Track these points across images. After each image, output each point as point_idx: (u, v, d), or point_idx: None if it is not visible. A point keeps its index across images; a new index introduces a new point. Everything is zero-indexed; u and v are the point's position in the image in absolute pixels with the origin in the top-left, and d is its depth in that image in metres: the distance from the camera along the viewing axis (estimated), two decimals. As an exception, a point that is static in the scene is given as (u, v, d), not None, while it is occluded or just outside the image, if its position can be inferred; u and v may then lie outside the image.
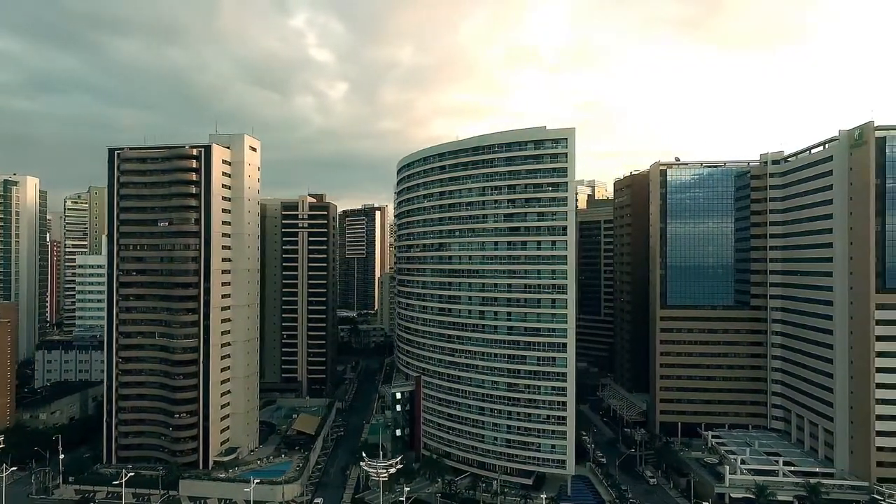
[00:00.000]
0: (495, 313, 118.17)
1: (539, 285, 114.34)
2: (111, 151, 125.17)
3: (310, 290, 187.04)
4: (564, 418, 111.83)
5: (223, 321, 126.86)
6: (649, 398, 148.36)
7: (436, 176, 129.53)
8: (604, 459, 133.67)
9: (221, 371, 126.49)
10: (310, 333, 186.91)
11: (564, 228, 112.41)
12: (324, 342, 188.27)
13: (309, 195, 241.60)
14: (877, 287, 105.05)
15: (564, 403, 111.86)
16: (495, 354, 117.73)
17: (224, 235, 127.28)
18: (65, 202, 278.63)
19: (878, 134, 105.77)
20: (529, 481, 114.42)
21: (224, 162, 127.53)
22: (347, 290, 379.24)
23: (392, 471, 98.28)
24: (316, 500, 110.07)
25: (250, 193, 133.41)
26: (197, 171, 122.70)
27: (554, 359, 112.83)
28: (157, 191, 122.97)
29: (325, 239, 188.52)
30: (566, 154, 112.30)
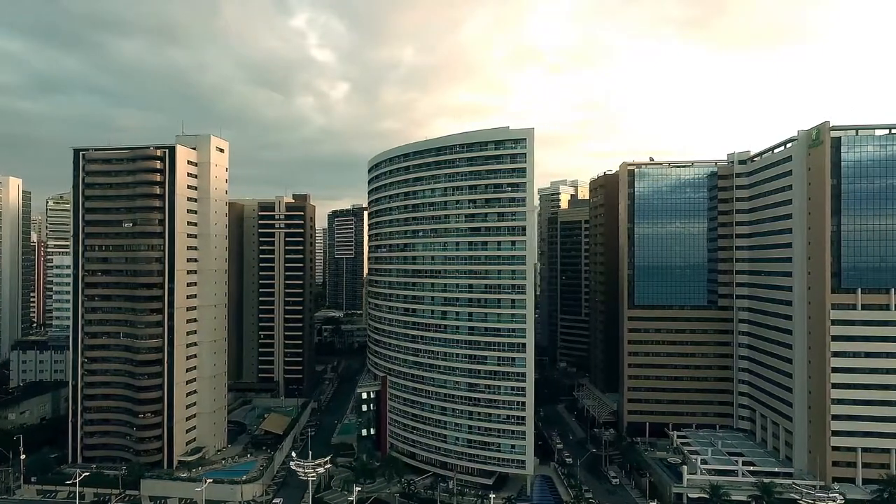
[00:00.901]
0: (457, 313, 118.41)
1: (499, 286, 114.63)
2: (76, 152, 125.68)
3: (287, 291, 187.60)
4: (524, 418, 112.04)
5: (189, 321, 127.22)
6: (619, 398, 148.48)
7: (401, 176, 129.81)
8: (570, 459, 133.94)
9: (187, 371, 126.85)
10: (287, 334, 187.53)
11: (524, 228, 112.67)
12: (300, 342, 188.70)
13: (293, 195, 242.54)
14: (832, 287, 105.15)
15: (524, 403, 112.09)
16: (457, 355, 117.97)
17: (190, 236, 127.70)
18: (47, 203, 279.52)
19: (834, 134, 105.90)
20: (490, 481, 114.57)
21: (190, 163, 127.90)
22: (336, 290, 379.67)
23: (320, 470, 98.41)
24: (275, 501, 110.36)
25: (217, 194, 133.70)
26: (161, 171, 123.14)
27: (513, 359, 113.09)
28: (122, 191, 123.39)
29: (302, 239, 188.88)
30: (525, 154, 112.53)
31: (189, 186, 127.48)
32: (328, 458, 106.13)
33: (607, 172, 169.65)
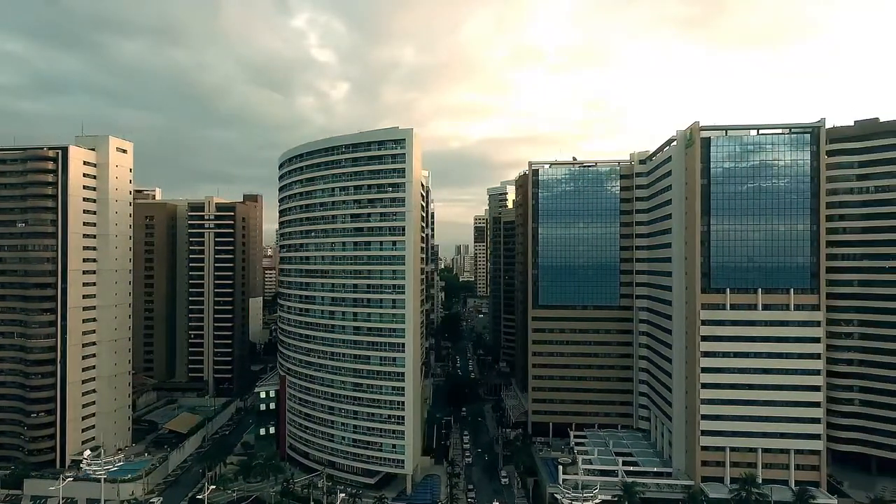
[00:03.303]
0: (343, 314, 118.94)
1: (381, 285, 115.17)
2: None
3: (216, 290, 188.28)
4: (403, 418, 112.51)
5: (86, 321, 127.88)
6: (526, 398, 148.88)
7: (298, 176, 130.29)
8: (469, 459, 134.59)
9: (84, 370, 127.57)
10: (216, 334, 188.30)
11: (403, 229, 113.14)
12: (230, 341, 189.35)
13: (244, 196, 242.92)
14: (702, 287, 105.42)
15: (403, 403, 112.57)
16: (343, 354, 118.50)
17: (87, 236, 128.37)
18: None
19: (704, 135, 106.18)
20: (372, 481, 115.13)
21: (87, 163, 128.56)
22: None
23: (113, 469, 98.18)
24: (152, 500, 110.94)
25: (118, 195, 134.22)
26: (53, 172, 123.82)
27: (394, 359, 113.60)
28: (14, 191, 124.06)
29: (233, 239, 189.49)
30: (404, 154, 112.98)
31: (86, 187, 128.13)
32: (121, 457, 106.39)
33: (524, 172, 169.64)
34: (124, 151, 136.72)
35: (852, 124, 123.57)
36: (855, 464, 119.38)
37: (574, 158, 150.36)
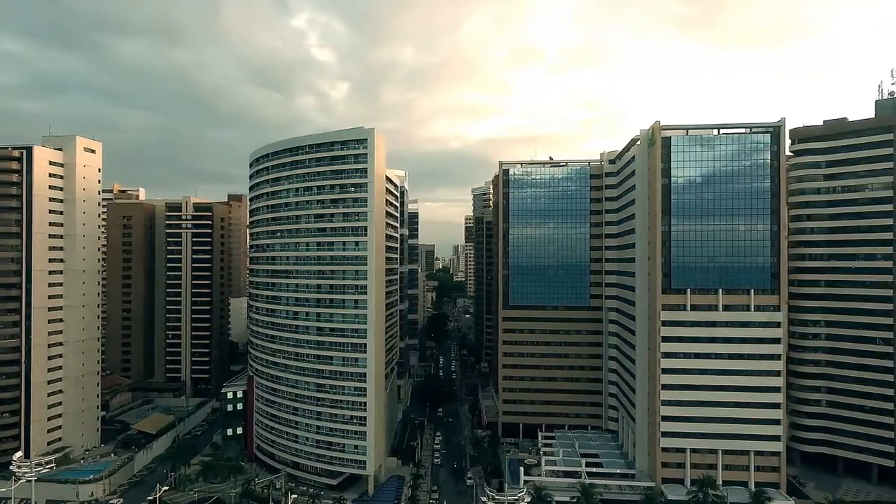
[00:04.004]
0: (307, 314, 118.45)
1: (343, 286, 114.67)
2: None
3: (194, 291, 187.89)
4: (365, 419, 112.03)
5: (52, 321, 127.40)
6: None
7: (265, 176, 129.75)
8: (438, 460, 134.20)
9: (50, 371, 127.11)
10: (194, 334, 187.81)
11: (365, 229, 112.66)
12: (208, 342, 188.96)
13: (228, 196, 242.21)
14: (663, 287, 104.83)
15: (365, 404, 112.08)
16: (307, 355, 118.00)
17: (54, 236, 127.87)
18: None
19: (665, 134, 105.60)
20: (334, 482, 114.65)
21: (53, 163, 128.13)
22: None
23: (42, 470, 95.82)
24: (112, 501, 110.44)
25: (86, 195, 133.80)
26: (18, 172, 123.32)
27: (356, 359, 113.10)
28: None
29: (210, 239, 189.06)
30: (366, 154, 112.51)
31: (52, 187, 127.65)
32: (54, 458, 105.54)
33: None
34: (93, 151, 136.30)
35: (821, 124, 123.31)
36: (823, 465, 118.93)
37: (550, 158, 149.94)
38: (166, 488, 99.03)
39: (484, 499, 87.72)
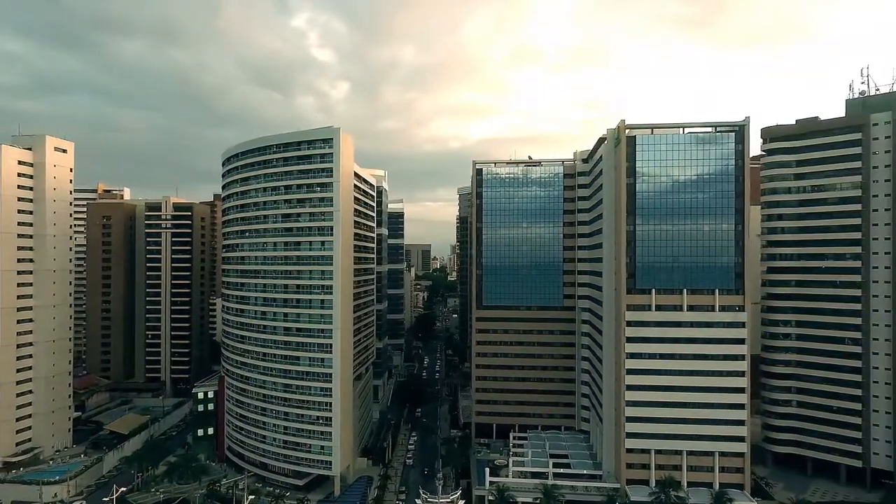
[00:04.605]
0: (274, 314, 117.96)
1: (310, 286, 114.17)
2: None
3: (174, 291, 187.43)
4: (331, 419, 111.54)
5: (21, 321, 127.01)
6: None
7: (236, 175, 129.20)
8: (410, 461, 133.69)
9: (19, 371, 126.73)
10: (174, 333, 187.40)
11: (331, 229, 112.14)
12: (188, 342, 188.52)
13: (215, 195, 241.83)
14: (628, 288, 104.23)
15: (330, 405, 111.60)
16: (274, 355, 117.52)
17: (23, 236, 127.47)
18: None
19: (630, 133, 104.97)
20: (301, 482, 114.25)
21: (22, 163, 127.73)
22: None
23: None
24: (75, 502, 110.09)
25: (57, 194, 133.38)
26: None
27: (322, 360, 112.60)
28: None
29: (190, 239, 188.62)
30: (332, 154, 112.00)
31: (21, 186, 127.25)
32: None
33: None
34: (64, 151, 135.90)
35: (794, 123, 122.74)
36: (794, 466, 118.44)
37: (529, 157, 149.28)
38: (123, 490, 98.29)
39: (418, 501, 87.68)
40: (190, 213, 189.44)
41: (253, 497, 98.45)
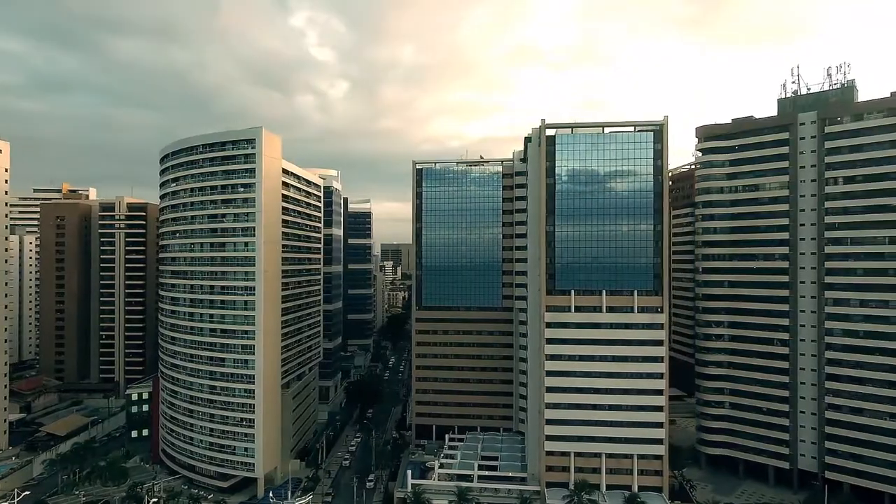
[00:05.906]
0: (200, 315, 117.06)
1: (234, 287, 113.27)
2: None
3: (128, 291, 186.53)
4: (253, 421, 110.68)
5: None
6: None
7: (168, 175, 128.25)
8: (347, 462, 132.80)
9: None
10: (127, 334, 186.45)
11: (254, 229, 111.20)
12: (142, 342, 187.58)
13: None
14: (548, 289, 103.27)
15: (253, 406, 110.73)
16: (201, 357, 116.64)
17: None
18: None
19: (549, 132, 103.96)
20: (225, 484, 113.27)
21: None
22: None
23: None
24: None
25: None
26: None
27: (245, 361, 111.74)
28: None
29: (144, 239, 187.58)
30: (255, 155, 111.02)
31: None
32: None
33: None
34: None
35: (729, 122, 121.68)
36: (726, 467, 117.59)
37: (481, 157, 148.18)
38: (27, 493, 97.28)
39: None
40: (144, 213, 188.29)
41: (165, 497, 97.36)
